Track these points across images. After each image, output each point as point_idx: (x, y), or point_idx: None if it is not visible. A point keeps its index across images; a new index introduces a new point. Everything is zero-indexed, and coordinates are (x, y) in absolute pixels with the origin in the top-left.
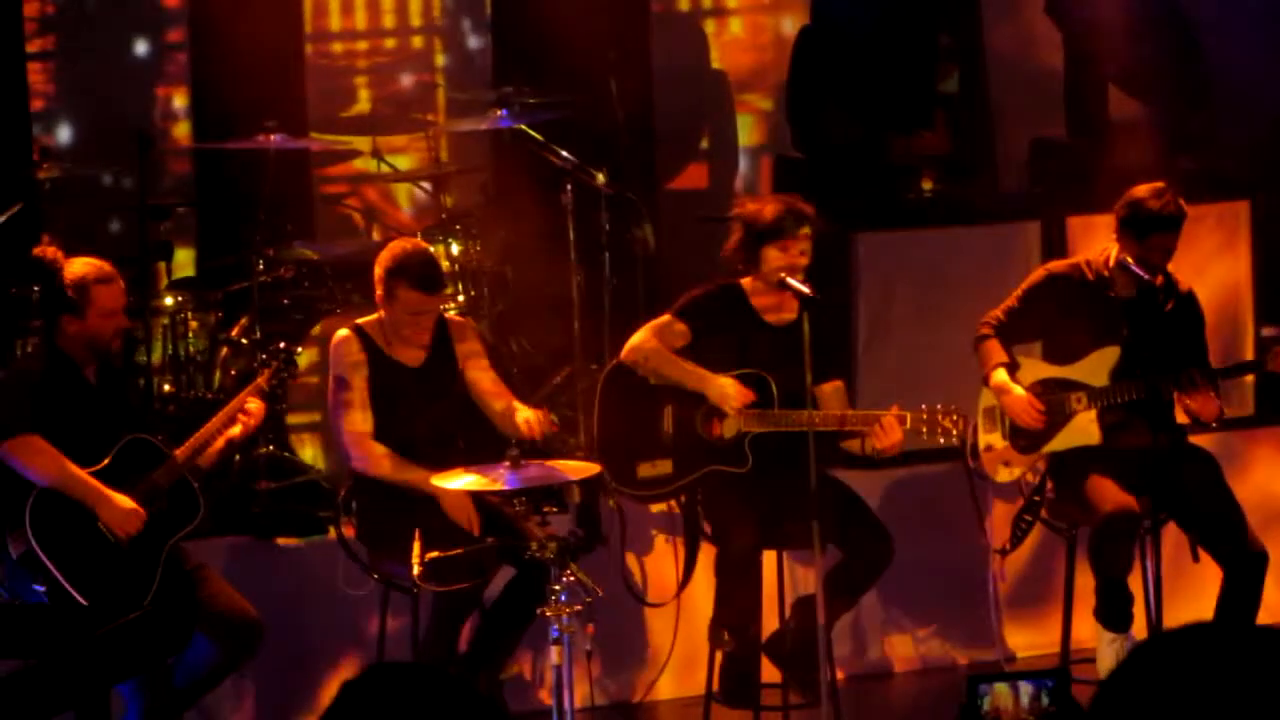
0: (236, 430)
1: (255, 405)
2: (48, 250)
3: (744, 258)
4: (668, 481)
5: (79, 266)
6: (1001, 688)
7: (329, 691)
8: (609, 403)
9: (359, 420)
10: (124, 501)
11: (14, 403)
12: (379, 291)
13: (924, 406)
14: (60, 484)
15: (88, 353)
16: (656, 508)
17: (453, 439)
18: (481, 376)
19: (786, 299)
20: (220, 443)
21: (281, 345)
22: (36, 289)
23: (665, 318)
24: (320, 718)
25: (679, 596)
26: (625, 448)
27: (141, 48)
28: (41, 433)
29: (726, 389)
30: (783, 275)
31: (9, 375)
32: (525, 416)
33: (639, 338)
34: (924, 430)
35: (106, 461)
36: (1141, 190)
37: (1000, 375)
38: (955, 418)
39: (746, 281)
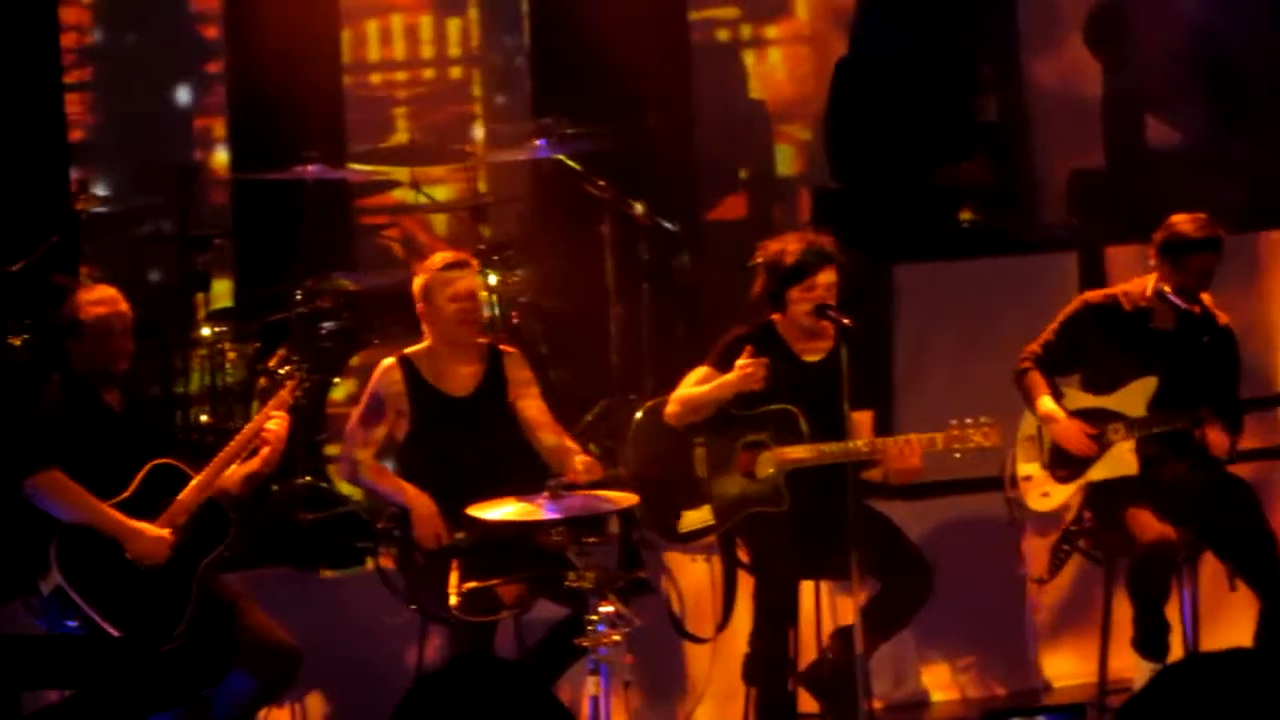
0: (266, 451)
1: (278, 423)
2: (58, 277)
3: (771, 300)
4: (709, 531)
5: (80, 292)
6: None
7: None
8: (641, 451)
9: (361, 435)
10: (150, 531)
11: (35, 438)
12: (421, 308)
13: (952, 423)
14: (85, 519)
15: (101, 378)
16: None
17: (501, 469)
18: (531, 406)
19: (821, 335)
20: (251, 466)
21: (303, 364)
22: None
23: (704, 370)
24: (399, 705)
25: (720, 631)
26: (662, 496)
27: (181, 79)
28: (63, 463)
29: (742, 368)
30: (821, 306)
31: (29, 409)
32: (582, 461)
33: (679, 393)
34: (958, 448)
35: (132, 489)
36: (1179, 217)
37: (1047, 404)
38: (986, 428)
39: (780, 319)
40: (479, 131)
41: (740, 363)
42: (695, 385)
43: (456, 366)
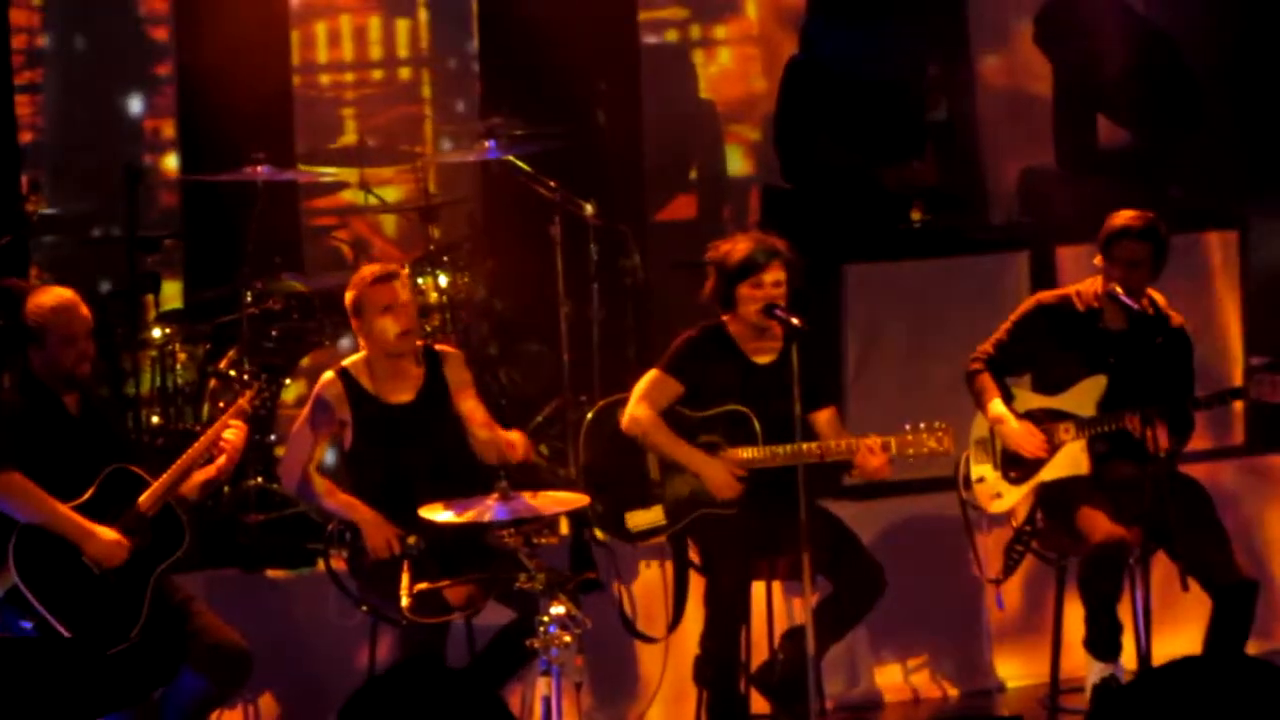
0: (222, 460)
1: (235, 432)
2: (9, 281)
3: (721, 299)
4: (659, 531)
5: (38, 295)
6: None
7: None
8: (594, 450)
9: (306, 441)
10: (107, 535)
11: None
12: (354, 323)
13: (907, 426)
14: (43, 521)
15: (61, 382)
16: None
17: (450, 471)
18: (469, 407)
19: (771, 335)
20: (207, 473)
21: (261, 371)
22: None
23: (656, 374)
24: (345, 705)
25: (671, 632)
26: (614, 496)
27: (130, 82)
28: (21, 466)
29: (723, 482)
30: (769, 305)
31: None
32: (510, 437)
33: (637, 408)
34: (911, 452)
35: (90, 493)
36: (1117, 213)
37: (998, 406)
38: (940, 433)
39: (730, 319)
40: (428, 132)
41: (730, 470)
42: (666, 432)
43: (396, 374)
